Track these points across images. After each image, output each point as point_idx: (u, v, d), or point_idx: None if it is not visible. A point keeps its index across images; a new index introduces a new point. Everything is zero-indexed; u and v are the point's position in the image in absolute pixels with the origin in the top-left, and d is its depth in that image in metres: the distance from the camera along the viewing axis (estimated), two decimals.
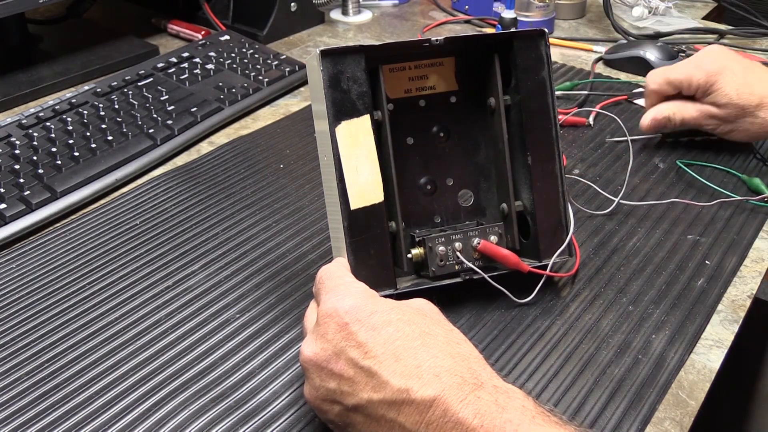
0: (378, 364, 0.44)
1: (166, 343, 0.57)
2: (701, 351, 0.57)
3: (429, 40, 0.58)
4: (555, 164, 0.60)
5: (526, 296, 0.60)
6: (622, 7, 1.21)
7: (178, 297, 0.62)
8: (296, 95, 0.97)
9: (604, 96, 0.94)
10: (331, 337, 0.46)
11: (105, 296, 0.62)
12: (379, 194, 0.56)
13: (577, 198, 0.74)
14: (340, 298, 0.47)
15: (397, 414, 0.43)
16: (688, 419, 0.52)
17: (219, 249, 0.68)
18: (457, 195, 0.63)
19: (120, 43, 1.06)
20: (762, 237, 0.70)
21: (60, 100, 0.87)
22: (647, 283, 0.63)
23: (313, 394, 0.47)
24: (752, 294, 0.63)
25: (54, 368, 0.55)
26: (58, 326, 0.59)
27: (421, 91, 0.61)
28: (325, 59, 0.55)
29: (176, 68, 0.95)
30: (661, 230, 0.70)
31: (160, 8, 1.19)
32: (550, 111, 0.60)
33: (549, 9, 1.13)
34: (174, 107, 0.86)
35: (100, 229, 0.70)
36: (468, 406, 0.41)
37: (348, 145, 0.55)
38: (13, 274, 0.65)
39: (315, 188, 0.76)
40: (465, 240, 0.58)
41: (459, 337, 0.47)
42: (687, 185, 0.76)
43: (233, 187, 0.77)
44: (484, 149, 0.63)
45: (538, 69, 0.60)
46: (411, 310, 0.47)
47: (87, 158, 0.77)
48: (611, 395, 0.53)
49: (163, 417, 0.51)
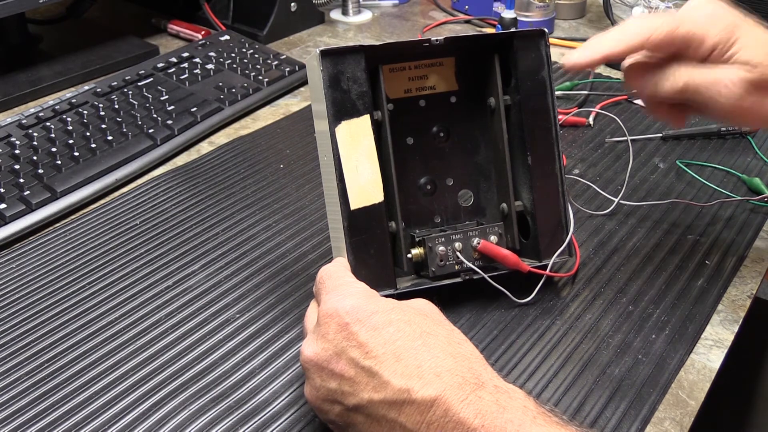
0: (379, 364, 0.44)
1: (166, 343, 0.57)
2: (701, 351, 0.57)
3: (429, 40, 0.58)
4: (555, 164, 0.60)
5: (526, 296, 0.60)
6: (622, 7, 1.21)
7: (178, 297, 0.62)
8: (296, 95, 0.97)
9: (604, 96, 0.94)
10: (331, 337, 0.46)
11: (105, 296, 0.62)
12: (379, 194, 0.56)
13: (577, 198, 0.74)
14: (340, 299, 0.47)
15: (398, 414, 0.43)
16: (688, 419, 0.52)
17: (219, 249, 0.68)
18: (457, 195, 0.63)
19: (120, 43, 1.06)
20: (762, 237, 0.70)
21: (60, 100, 0.87)
22: (647, 283, 0.63)
23: (314, 394, 0.47)
24: (752, 294, 0.63)
25: (54, 368, 0.55)
26: (58, 326, 0.59)
27: (421, 91, 0.61)
28: (325, 59, 0.55)
29: (176, 68, 0.95)
30: (661, 230, 0.70)
31: (160, 8, 1.19)
32: (550, 111, 0.60)
33: (549, 9, 1.13)
34: (174, 107, 0.86)
35: (100, 229, 0.70)
36: (469, 406, 0.41)
37: (348, 145, 0.55)
38: (13, 274, 0.65)
39: (315, 188, 0.76)
40: (465, 240, 0.58)
41: (460, 337, 0.46)
42: (687, 185, 0.76)
43: (233, 187, 0.77)
44: (484, 149, 0.63)
45: (538, 69, 0.60)
46: (412, 310, 0.47)
47: (87, 158, 0.77)
48: (611, 395, 0.53)
49: (163, 417, 0.51)
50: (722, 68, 0.54)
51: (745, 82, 0.54)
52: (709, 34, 0.54)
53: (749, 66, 0.53)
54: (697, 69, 0.55)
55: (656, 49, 0.56)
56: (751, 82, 0.54)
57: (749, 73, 0.54)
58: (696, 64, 0.55)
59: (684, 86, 0.56)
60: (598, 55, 0.57)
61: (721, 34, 0.54)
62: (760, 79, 0.54)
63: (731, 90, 0.54)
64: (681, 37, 0.55)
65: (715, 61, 0.55)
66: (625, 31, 0.56)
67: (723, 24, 0.54)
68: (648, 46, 0.55)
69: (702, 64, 0.55)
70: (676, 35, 0.55)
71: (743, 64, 0.54)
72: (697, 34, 0.54)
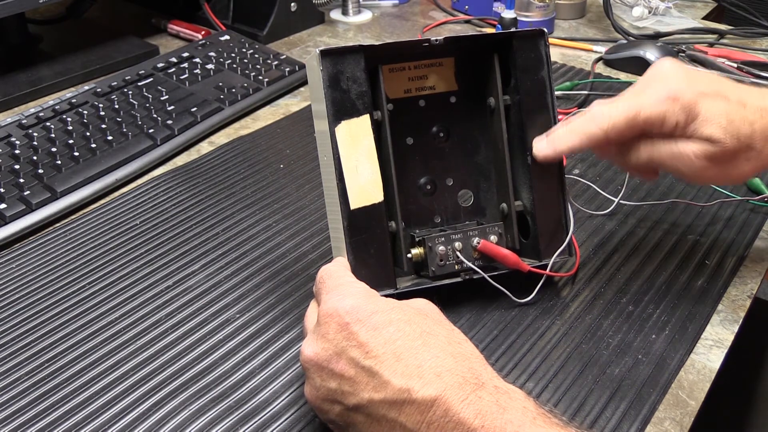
0: (379, 363, 0.44)
1: (166, 343, 0.57)
2: (701, 351, 0.57)
3: (429, 40, 0.58)
4: (555, 164, 0.60)
5: (526, 296, 0.60)
6: (622, 7, 1.21)
7: (178, 297, 0.62)
8: (296, 95, 0.97)
9: (604, 96, 0.94)
10: (332, 337, 0.46)
11: (105, 296, 0.62)
12: (378, 194, 0.56)
13: (577, 198, 0.74)
14: (340, 298, 0.47)
15: (398, 414, 0.43)
16: (688, 419, 0.52)
17: (219, 249, 0.68)
18: (457, 195, 0.63)
19: (120, 43, 1.06)
20: (762, 237, 0.70)
21: (60, 100, 0.87)
22: (647, 283, 0.63)
23: (314, 393, 0.47)
24: (752, 294, 0.63)
25: (54, 368, 0.55)
26: (58, 326, 0.59)
27: (420, 91, 0.61)
28: (324, 59, 0.55)
29: (176, 68, 0.95)
30: (661, 230, 0.70)
31: (160, 8, 1.19)
32: (550, 111, 0.60)
33: (549, 9, 1.13)
34: (174, 107, 0.86)
35: (100, 229, 0.70)
36: (469, 406, 0.41)
37: (348, 144, 0.55)
38: (13, 274, 0.65)
39: (315, 188, 0.76)
40: (465, 240, 0.58)
41: (460, 337, 0.47)
42: (687, 185, 0.76)
43: (233, 187, 0.77)
44: (483, 149, 0.63)
45: (538, 69, 0.60)
46: (412, 310, 0.47)
47: (87, 158, 0.77)
48: (611, 395, 0.53)
49: (163, 417, 0.51)
50: (684, 143, 0.56)
51: (707, 155, 0.55)
52: (668, 116, 0.55)
53: (710, 141, 0.55)
54: (661, 144, 0.57)
55: (619, 138, 0.57)
56: (712, 155, 0.55)
57: (710, 148, 0.55)
58: (659, 139, 0.57)
59: (648, 161, 0.58)
60: (563, 148, 0.59)
61: (680, 114, 0.55)
62: (721, 152, 0.55)
63: (693, 162, 0.56)
64: (641, 123, 0.56)
65: (677, 136, 0.56)
66: (587, 125, 0.57)
67: (682, 103, 0.55)
68: (611, 136, 0.56)
69: (664, 139, 0.57)
70: (636, 123, 0.56)
71: (704, 140, 0.55)
72: (658, 117, 0.55)
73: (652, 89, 0.56)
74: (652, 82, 0.57)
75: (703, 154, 0.55)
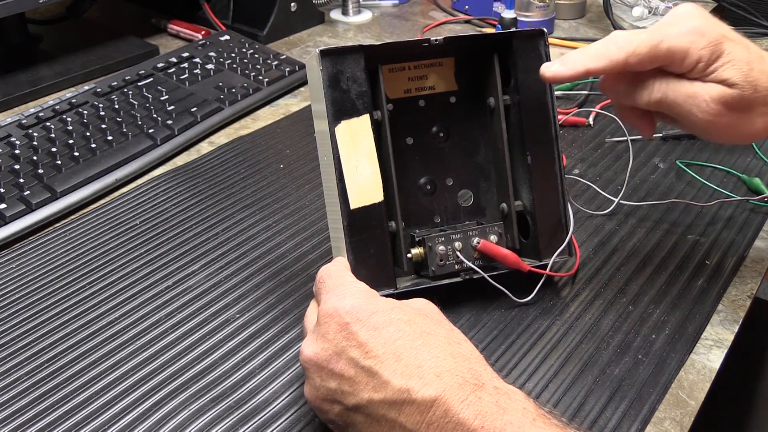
0: (379, 363, 0.44)
1: (166, 343, 0.57)
2: (701, 351, 0.57)
3: (428, 40, 0.58)
4: (555, 164, 0.60)
5: (526, 296, 0.60)
6: (622, 7, 1.21)
7: (178, 297, 0.62)
8: (296, 95, 0.97)
9: (604, 96, 0.94)
10: (331, 336, 0.46)
11: (105, 296, 0.62)
12: (378, 194, 0.56)
13: (577, 198, 0.74)
14: (340, 298, 0.47)
15: (397, 414, 0.43)
16: (688, 419, 0.52)
17: (219, 249, 0.68)
18: (456, 195, 0.63)
19: (120, 43, 1.06)
20: (762, 237, 0.70)
21: (60, 100, 0.87)
22: (647, 283, 0.63)
23: (314, 393, 0.47)
24: (752, 294, 0.63)
25: (54, 368, 0.55)
26: (58, 326, 0.59)
27: (420, 91, 0.61)
28: (324, 59, 0.55)
29: (176, 68, 0.95)
30: (661, 230, 0.70)
31: (160, 8, 1.19)
32: (550, 111, 0.60)
33: (549, 9, 1.13)
34: (174, 107, 0.86)
35: (100, 229, 0.70)
36: (469, 407, 0.41)
37: (348, 144, 0.55)
38: (13, 274, 0.65)
39: (315, 188, 0.76)
40: (465, 239, 0.58)
41: (460, 337, 0.46)
42: (687, 185, 0.76)
43: (233, 187, 0.77)
44: (483, 149, 0.63)
45: (538, 69, 0.60)
46: (412, 310, 0.47)
47: (87, 158, 0.77)
48: (611, 395, 0.53)
49: (163, 417, 0.51)
50: (701, 84, 0.54)
51: (723, 99, 0.53)
52: (692, 50, 0.53)
53: (728, 85, 0.53)
54: (676, 83, 0.54)
55: (638, 66, 0.54)
56: (729, 100, 0.53)
57: (728, 91, 0.53)
58: (675, 77, 0.55)
59: (661, 99, 0.55)
60: (578, 69, 0.55)
61: (704, 50, 0.53)
62: (738, 98, 0.53)
63: (709, 106, 0.53)
64: (664, 53, 0.53)
65: (696, 75, 0.54)
66: (607, 47, 0.54)
67: (707, 39, 0.53)
68: (630, 62, 0.54)
69: (681, 78, 0.54)
70: (658, 51, 0.53)
71: (723, 82, 0.53)
72: (681, 49, 0.53)
73: (676, 24, 0.54)
74: (676, 18, 0.55)
75: (720, 97, 0.53)
